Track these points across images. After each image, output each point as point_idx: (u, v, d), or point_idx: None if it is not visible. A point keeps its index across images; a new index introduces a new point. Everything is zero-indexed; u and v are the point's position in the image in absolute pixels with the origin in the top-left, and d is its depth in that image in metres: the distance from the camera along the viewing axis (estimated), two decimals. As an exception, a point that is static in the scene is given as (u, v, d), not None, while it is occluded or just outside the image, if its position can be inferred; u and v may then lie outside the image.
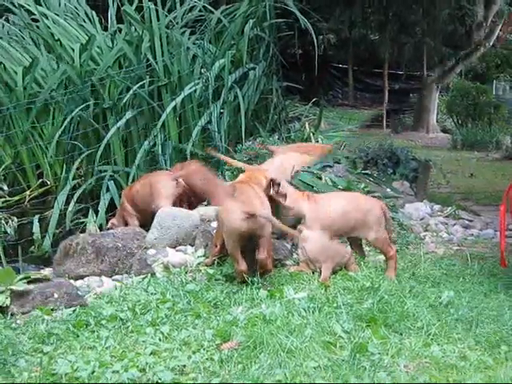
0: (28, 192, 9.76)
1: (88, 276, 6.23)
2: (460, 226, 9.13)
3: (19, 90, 10.28)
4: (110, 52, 10.52)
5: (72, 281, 6.05)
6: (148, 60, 10.07)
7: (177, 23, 11.00)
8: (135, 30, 10.54)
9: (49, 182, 9.94)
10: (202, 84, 9.77)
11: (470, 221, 9.45)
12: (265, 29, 10.90)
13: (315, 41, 10.83)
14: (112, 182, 8.96)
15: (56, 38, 10.72)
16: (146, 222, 7.02)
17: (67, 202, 8.67)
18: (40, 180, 10.03)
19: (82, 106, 9.75)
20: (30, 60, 10.69)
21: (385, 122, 27.50)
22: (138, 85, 9.76)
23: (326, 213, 6.26)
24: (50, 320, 5.13)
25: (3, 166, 9.95)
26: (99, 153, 9.22)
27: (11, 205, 9.30)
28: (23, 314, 5.34)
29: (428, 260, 7.11)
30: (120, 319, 4.85)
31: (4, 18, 11.95)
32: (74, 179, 9.18)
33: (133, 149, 9.59)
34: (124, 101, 9.71)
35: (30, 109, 10.17)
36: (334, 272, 5.95)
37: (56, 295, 5.51)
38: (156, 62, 9.97)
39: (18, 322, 5.17)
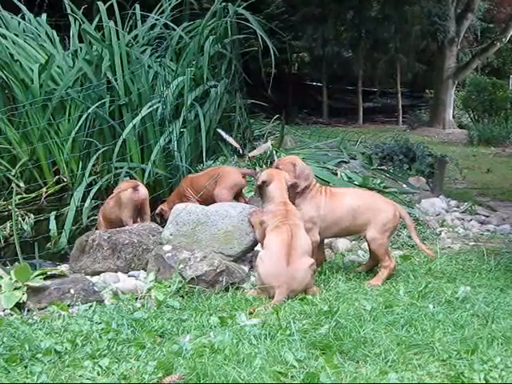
0: (44, 189, 9.79)
1: (104, 272, 6.25)
2: (476, 221, 9.13)
3: (35, 87, 10.32)
4: (70, 71, 10.51)
5: (88, 277, 6.08)
6: (109, 79, 10.05)
7: (137, 41, 10.98)
8: (96, 49, 10.52)
9: (65, 179, 9.97)
10: (162, 102, 9.67)
11: (487, 216, 9.44)
12: (226, 45, 10.78)
13: (272, 58, 10.61)
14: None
15: (15, 58, 10.71)
16: None
17: (83, 199, 8.68)
18: (56, 177, 10.06)
19: (98, 103, 9.77)
20: (46, 57, 10.72)
21: (401, 117, 27.53)
22: (96, 104, 9.72)
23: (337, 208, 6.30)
24: (66, 316, 5.16)
25: (20, 163, 9.98)
26: (116, 150, 9.23)
27: (28, 201, 9.34)
28: (40, 309, 5.37)
29: (444, 255, 7.10)
30: (57, 352, 4.43)
31: (20, 15, 11.99)
32: (90, 176, 9.20)
33: (149, 145, 9.60)
34: (82, 120, 9.69)
35: (46, 106, 10.20)
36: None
37: (72, 291, 5.53)
38: (116, 81, 9.93)
39: (35, 317, 5.19)
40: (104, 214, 7.54)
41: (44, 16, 12.30)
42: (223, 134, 8.71)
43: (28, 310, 5.35)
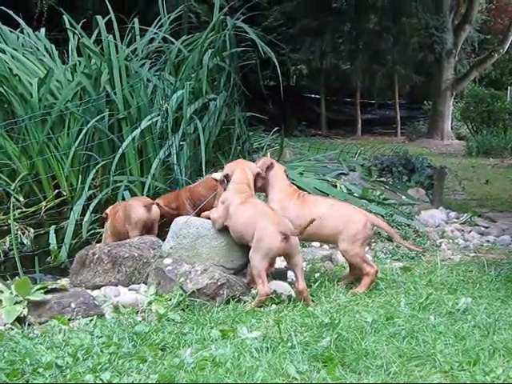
0: (44, 203, 9.79)
1: (104, 286, 6.24)
2: (476, 232, 9.13)
3: (34, 101, 10.33)
4: (69, 85, 10.52)
5: (89, 291, 6.07)
6: (108, 92, 10.07)
7: (136, 55, 11.00)
8: (95, 63, 10.54)
9: (65, 193, 9.97)
10: (162, 116, 9.66)
11: (486, 227, 9.45)
12: (225, 58, 10.81)
13: (278, 70, 10.74)
14: (127, 191, 8.98)
15: (14, 73, 10.73)
16: None
17: (83, 213, 8.68)
18: (56, 191, 10.06)
19: (97, 117, 9.78)
20: (45, 72, 10.74)
21: (399, 129, 27.57)
22: (96, 118, 9.73)
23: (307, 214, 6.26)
24: (67, 330, 5.15)
25: (19, 177, 9.99)
26: (114, 163, 9.23)
27: (27, 216, 9.33)
28: (40, 323, 5.36)
29: (444, 267, 7.10)
30: (58, 366, 4.39)
31: (19, 30, 12.02)
32: (89, 190, 9.20)
33: (148, 158, 9.60)
34: (81, 134, 9.70)
35: (46, 120, 10.21)
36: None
37: (73, 305, 5.53)
38: (115, 95, 9.95)
39: (36, 331, 5.18)
40: (113, 228, 7.54)
41: (43, 30, 12.34)
42: None
43: (29, 325, 5.33)
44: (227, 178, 6.32)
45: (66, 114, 10.31)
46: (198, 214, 7.18)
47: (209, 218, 6.44)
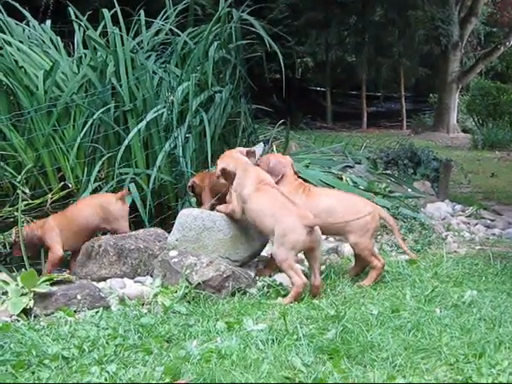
0: (50, 195, 9.74)
1: (110, 278, 6.25)
2: (482, 225, 9.13)
3: (40, 93, 10.30)
4: (75, 78, 10.50)
5: (94, 283, 6.08)
6: (113, 85, 10.04)
7: (142, 47, 10.98)
8: (101, 55, 10.51)
9: (70, 185, 9.93)
10: (167, 108, 9.62)
11: (492, 220, 9.45)
12: (231, 51, 10.78)
13: (282, 64, 10.68)
14: (133, 184, 8.96)
15: (20, 65, 10.70)
16: None
17: (89, 205, 8.66)
18: (62, 183, 10.03)
19: (102, 109, 9.76)
20: (51, 64, 10.73)
21: (405, 122, 27.54)
22: (101, 110, 9.70)
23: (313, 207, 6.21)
24: (73, 321, 5.16)
25: (25, 170, 9.95)
26: (119, 155, 9.22)
27: (33, 208, 9.32)
28: (46, 315, 5.38)
29: (450, 259, 7.10)
30: (64, 358, 4.42)
31: (25, 22, 12.00)
32: (95, 182, 9.19)
33: (153, 151, 9.58)
34: (87, 126, 9.68)
35: (51, 112, 10.17)
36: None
37: (79, 297, 5.54)
38: (121, 87, 9.92)
39: (42, 323, 5.20)
40: None
41: (48, 23, 12.30)
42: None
43: (35, 316, 5.35)
44: (224, 171, 6.29)
45: (72, 107, 10.26)
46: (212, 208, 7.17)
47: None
